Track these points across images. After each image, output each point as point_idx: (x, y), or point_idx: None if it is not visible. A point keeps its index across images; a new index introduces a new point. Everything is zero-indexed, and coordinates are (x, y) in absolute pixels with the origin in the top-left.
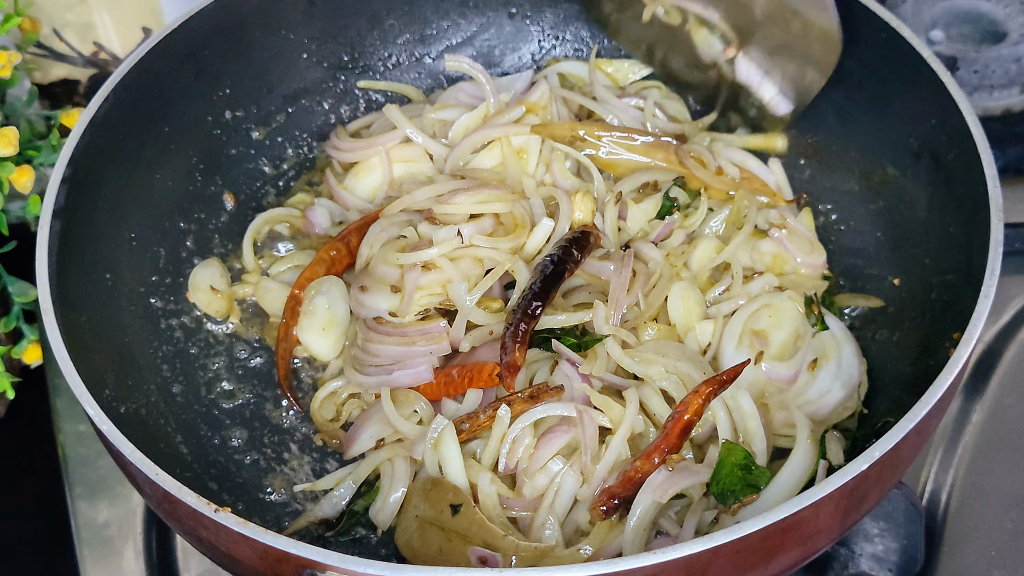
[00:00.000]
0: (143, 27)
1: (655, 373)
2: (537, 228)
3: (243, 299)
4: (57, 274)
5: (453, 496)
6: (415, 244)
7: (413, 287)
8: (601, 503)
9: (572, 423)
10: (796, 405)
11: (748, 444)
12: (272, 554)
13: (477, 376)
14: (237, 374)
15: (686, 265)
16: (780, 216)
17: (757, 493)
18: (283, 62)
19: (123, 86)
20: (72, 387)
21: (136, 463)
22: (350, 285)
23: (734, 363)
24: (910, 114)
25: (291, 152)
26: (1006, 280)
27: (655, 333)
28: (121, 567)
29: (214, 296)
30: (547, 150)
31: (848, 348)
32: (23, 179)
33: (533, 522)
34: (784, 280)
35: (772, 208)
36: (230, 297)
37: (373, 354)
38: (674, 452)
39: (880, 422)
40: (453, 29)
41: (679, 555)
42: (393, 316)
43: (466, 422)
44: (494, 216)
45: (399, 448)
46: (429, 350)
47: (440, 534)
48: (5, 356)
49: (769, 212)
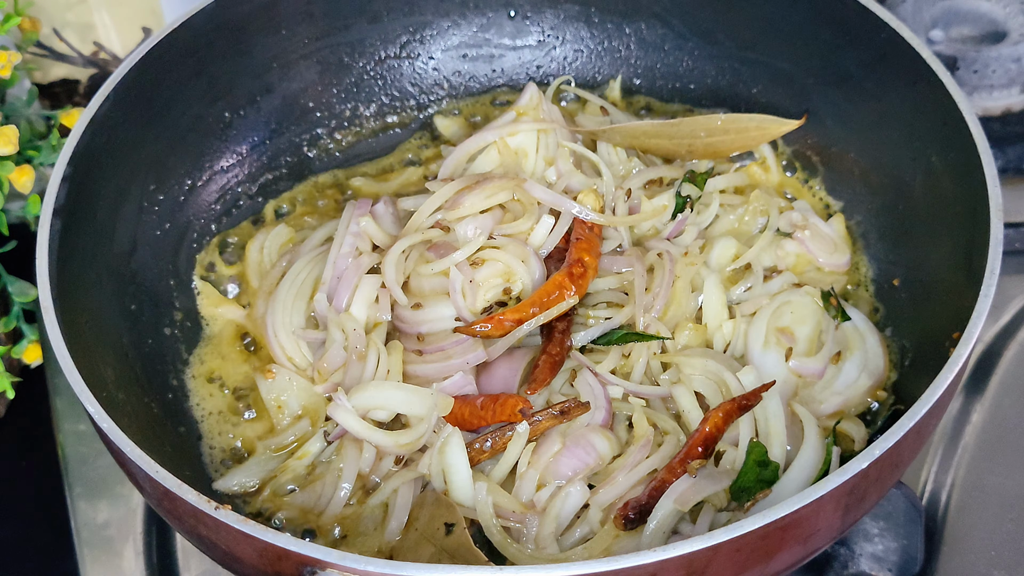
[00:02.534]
0: (143, 27)
1: (692, 372)
2: (538, 227)
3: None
4: (57, 274)
5: (448, 515)
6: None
7: (466, 282)
8: (624, 513)
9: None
10: (824, 399)
11: (767, 443)
12: (272, 552)
13: (501, 410)
14: None
15: (705, 263)
16: (803, 217)
17: (770, 489)
18: (283, 62)
19: (123, 86)
20: (72, 386)
21: (136, 461)
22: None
23: (762, 363)
24: (910, 114)
25: (291, 153)
26: (1006, 280)
27: (691, 333)
28: (121, 567)
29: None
30: (552, 147)
31: (872, 338)
32: (23, 179)
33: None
34: (804, 278)
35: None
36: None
37: (412, 377)
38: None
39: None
40: (453, 29)
41: (679, 553)
42: (457, 321)
43: (489, 439)
44: (500, 208)
45: (406, 473)
46: (466, 360)
47: (432, 551)
48: (5, 356)
49: (791, 214)
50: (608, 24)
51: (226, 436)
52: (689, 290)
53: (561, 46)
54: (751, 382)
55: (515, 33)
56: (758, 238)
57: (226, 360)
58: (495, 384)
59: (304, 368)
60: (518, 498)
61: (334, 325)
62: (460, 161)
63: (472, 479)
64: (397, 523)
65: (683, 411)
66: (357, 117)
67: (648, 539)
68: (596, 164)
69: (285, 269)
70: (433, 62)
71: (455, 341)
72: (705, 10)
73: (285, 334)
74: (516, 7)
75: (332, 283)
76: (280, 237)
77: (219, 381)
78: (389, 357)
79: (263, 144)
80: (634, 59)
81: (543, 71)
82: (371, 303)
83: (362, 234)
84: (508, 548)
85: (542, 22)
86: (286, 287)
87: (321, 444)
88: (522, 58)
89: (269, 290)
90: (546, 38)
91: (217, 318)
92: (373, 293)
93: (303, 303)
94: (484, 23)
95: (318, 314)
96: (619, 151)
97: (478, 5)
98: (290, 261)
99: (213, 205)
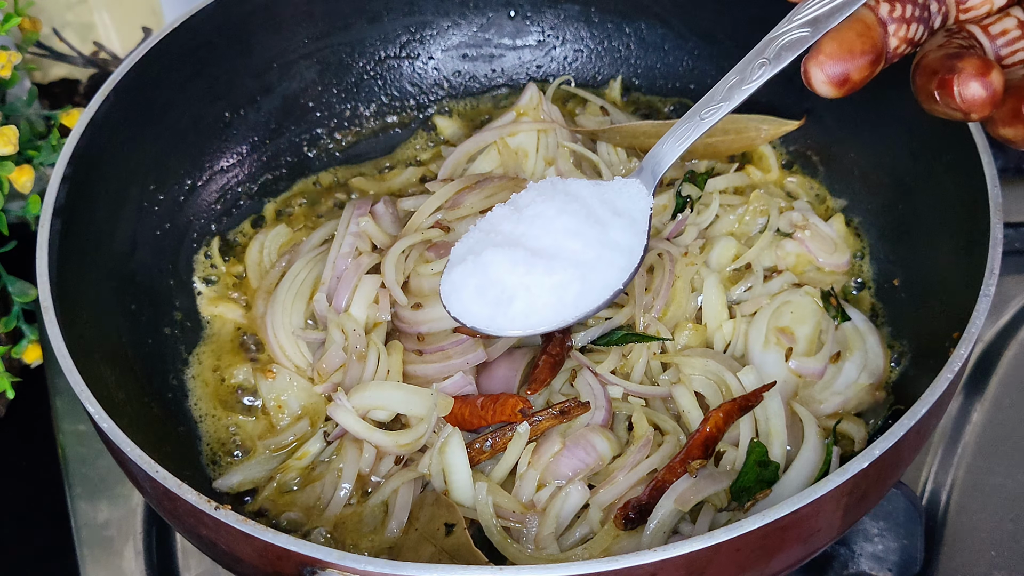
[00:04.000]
0: (143, 27)
1: (692, 372)
2: None
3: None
4: (57, 274)
5: (448, 515)
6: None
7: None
8: (624, 512)
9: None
10: (824, 399)
11: (768, 443)
12: (272, 551)
13: (501, 410)
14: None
15: (705, 263)
16: (803, 217)
17: (770, 489)
18: (283, 62)
19: (123, 86)
20: (72, 386)
21: (136, 461)
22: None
23: (762, 363)
24: (910, 114)
25: (291, 153)
26: (1006, 280)
27: (691, 333)
28: (121, 567)
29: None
30: (552, 147)
31: (872, 338)
32: (23, 179)
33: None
34: (803, 278)
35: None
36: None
37: (412, 377)
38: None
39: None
40: (453, 29)
41: (679, 552)
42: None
43: (489, 439)
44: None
45: (406, 473)
46: (466, 360)
47: (432, 551)
48: (5, 356)
49: (791, 214)
50: (608, 24)
51: (226, 436)
52: (689, 290)
53: (561, 46)
54: (751, 382)
55: (515, 33)
56: (758, 238)
57: (226, 360)
58: (495, 384)
59: (304, 368)
60: (518, 498)
61: (334, 326)
62: (460, 161)
63: (472, 479)
64: (397, 523)
65: (683, 411)
66: (357, 117)
67: (648, 539)
68: (596, 164)
69: (285, 269)
70: (433, 62)
71: (455, 341)
72: (705, 10)
73: (284, 334)
74: (516, 7)
75: (332, 283)
76: (280, 237)
77: (219, 381)
78: (389, 357)
79: (263, 144)
80: (634, 59)
81: (543, 71)
82: (371, 303)
83: (362, 234)
84: (508, 548)
85: (542, 22)
86: (285, 287)
87: (321, 444)
88: (522, 58)
89: (269, 290)
90: (546, 38)
91: (217, 318)
92: (373, 293)
93: (302, 303)
94: (484, 23)
95: (318, 314)
96: (619, 151)
97: (478, 5)
98: (289, 261)
99: (213, 205)
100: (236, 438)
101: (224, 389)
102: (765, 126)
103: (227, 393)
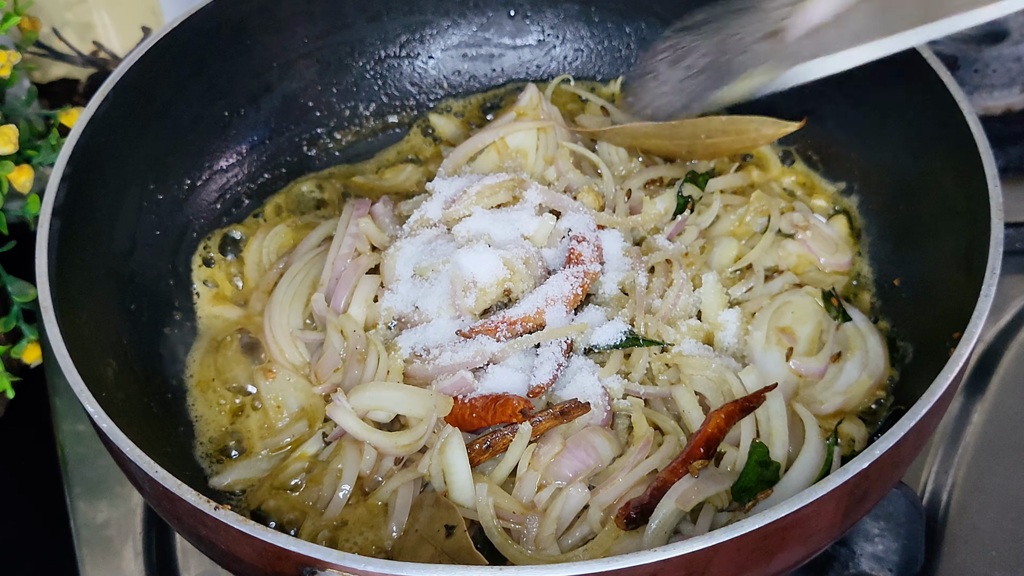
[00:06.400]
0: (143, 27)
1: (693, 372)
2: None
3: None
4: (57, 273)
5: (448, 517)
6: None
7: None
8: (625, 512)
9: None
10: (824, 399)
11: (769, 443)
12: (272, 552)
13: (501, 411)
14: None
15: (706, 264)
16: (804, 218)
17: (771, 489)
18: (283, 62)
19: (123, 86)
20: (72, 386)
21: (136, 461)
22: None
23: (763, 363)
24: (910, 114)
25: (291, 152)
26: (1006, 280)
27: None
28: (121, 567)
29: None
30: (552, 147)
31: (873, 338)
32: (22, 178)
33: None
34: (804, 278)
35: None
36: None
37: (412, 377)
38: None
39: (891, 410)
40: (453, 28)
41: (679, 553)
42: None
43: (489, 440)
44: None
45: (406, 474)
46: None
47: (433, 552)
48: (5, 356)
49: (792, 214)
50: (608, 24)
51: (225, 436)
52: (689, 290)
53: (561, 45)
54: (752, 382)
55: (515, 32)
56: (759, 239)
57: (225, 360)
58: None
59: (302, 368)
60: (519, 499)
61: (332, 328)
62: (460, 161)
63: (472, 480)
64: (397, 524)
65: (683, 411)
66: (357, 117)
67: (649, 539)
68: (596, 164)
69: (283, 269)
70: (433, 61)
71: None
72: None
73: (283, 335)
74: (516, 6)
75: (331, 284)
76: (279, 237)
77: (218, 381)
78: (388, 357)
79: (263, 144)
80: (634, 59)
81: (543, 71)
82: (370, 303)
83: (361, 234)
84: (509, 549)
85: (542, 21)
86: (284, 287)
87: (320, 444)
88: (522, 58)
89: (267, 290)
90: (546, 37)
91: (216, 318)
92: (372, 293)
93: (301, 303)
94: (484, 22)
95: (316, 314)
96: (619, 151)
97: (478, 4)
98: (288, 261)
99: (213, 205)
100: (235, 438)
101: (224, 389)
102: (765, 127)
103: (227, 393)
